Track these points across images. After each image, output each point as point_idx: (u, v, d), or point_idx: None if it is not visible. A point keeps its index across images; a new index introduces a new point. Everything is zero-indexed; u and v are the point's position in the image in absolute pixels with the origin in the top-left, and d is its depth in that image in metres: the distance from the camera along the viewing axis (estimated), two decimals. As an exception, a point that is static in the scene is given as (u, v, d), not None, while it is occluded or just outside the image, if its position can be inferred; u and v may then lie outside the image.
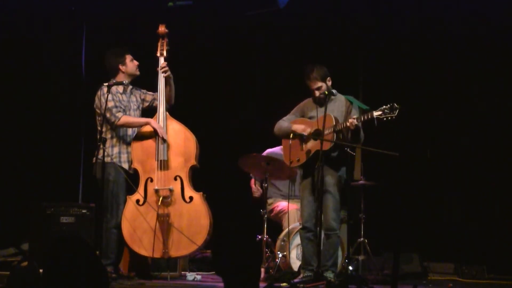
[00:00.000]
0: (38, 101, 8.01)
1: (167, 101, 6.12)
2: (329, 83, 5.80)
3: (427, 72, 7.83)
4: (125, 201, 5.93)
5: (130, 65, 6.06)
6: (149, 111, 6.17)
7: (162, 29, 6.22)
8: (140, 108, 6.15)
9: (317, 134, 5.68)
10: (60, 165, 7.84)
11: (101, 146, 5.67)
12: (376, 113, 5.47)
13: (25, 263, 6.15)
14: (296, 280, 5.64)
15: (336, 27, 8.03)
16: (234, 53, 8.23)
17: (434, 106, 7.82)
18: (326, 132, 5.57)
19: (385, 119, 5.45)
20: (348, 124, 5.52)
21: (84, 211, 6.64)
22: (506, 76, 7.59)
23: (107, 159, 5.83)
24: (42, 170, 7.84)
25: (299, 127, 5.80)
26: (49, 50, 7.95)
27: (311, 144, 5.76)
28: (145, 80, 6.22)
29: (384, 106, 5.46)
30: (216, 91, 8.27)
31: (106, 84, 5.83)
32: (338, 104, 5.78)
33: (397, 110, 5.43)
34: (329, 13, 7.93)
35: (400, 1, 7.81)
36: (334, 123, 5.61)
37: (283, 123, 5.93)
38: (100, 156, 5.77)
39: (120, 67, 6.03)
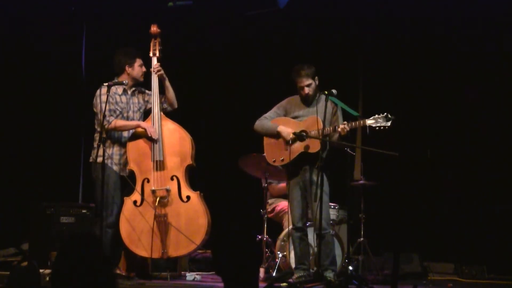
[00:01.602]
0: (38, 101, 8.01)
1: (170, 104, 6.11)
2: (317, 82, 5.83)
3: (427, 72, 7.83)
4: (120, 201, 5.90)
5: (137, 69, 6.03)
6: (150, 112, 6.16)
7: (154, 29, 6.20)
8: (142, 110, 6.12)
9: (302, 136, 5.68)
10: (60, 165, 7.84)
11: (102, 146, 5.66)
12: (369, 121, 5.47)
13: (25, 263, 6.16)
14: (291, 280, 5.65)
15: (336, 27, 8.03)
16: (234, 53, 8.23)
17: (434, 106, 7.82)
18: (312, 133, 5.59)
19: (377, 128, 5.44)
20: (339, 129, 5.53)
21: (84, 211, 6.64)
22: (507, 76, 7.59)
23: (100, 159, 5.78)
24: (42, 170, 7.84)
25: (285, 130, 5.79)
26: (49, 50, 7.94)
27: (296, 145, 5.75)
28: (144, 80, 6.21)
29: (377, 115, 5.45)
30: (216, 91, 8.27)
31: (106, 84, 5.81)
32: (323, 104, 5.73)
33: (391, 121, 5.40)
34: (329, 14, 7.93)
35: (400, 2, 7.80)
36: (322, 127, 5.60)
37: (266, 122, 5.91)
38: (94, 155, 5.78)
39: (127, 68, 6.00)
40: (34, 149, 7.95)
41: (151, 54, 6.15)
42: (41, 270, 5.12)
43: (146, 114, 6.18)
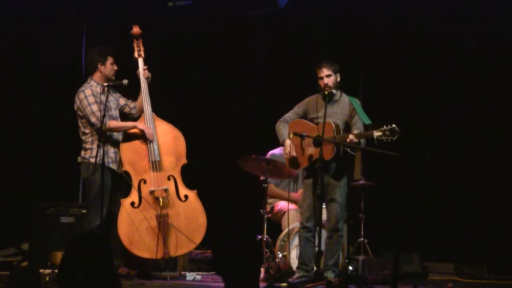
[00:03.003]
0: (38, 101, 8.00)
1: (140, 109, 6.05)
2: (338, 79, 5.83)
3: (428, 72, 7.82)
4: (107, 203, 5.79)
5: (109, 67, 5.97)
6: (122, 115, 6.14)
7: (136, 29, 6.18)
8: (118, 107, 6.10)
9: (317, 141, 5.68)
10: (60, 165, 7.83)
11: (102, 147, 5.64)
12: (376, 133, 5.50)
13: (25, 263, 6.16)
14: (291, 280, 5.65)
15: (336, 27, 8.02)
16: (234, 53, 8.23)
17: (434, 106, 7.81)
18: (326, 142, 5.60)
19: (384, 140, 5.47)
20: (348, 140, 5.55)
21: (84, 211, 6.63)
22: (508, 76, 7.59)
23: (92, 160, 5.74)
24: (42, 170, 7.84)
25: (286, 147, 5.81)
26: (49, 50, 7.94)
27: (312, 150, 5.76)
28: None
29: (385, 127, 5.47)
30: (216, 90, 8.27)
31: (106, 84, 5.80)
32: (342, 106, 5.77)
33: (397, 134, 5.44)
34: (329, 14, 7.93)
35: (401, 2, 7.80)
36: (335, 134, 5.59)
37: (282, 128, 5.94)
38: (86, 155, 5.79)
39: (99, 66, 5.96)
40: (33, 149, 7.94)
41: (136, 55, 6.13)
42: (41, 270, 5.13)
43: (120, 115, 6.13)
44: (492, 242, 7.34)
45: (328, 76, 5.78)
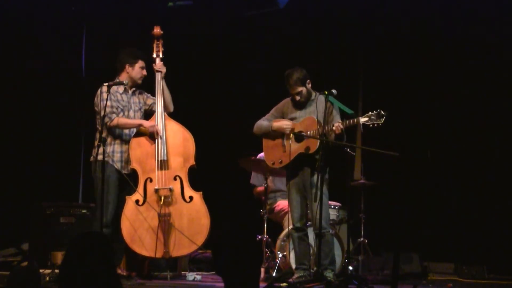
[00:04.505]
0: (38, 101, 8.01)
1: (165, 107, 6.07)
2: (309, 86, 5.80)
3: (428, 72, 7.83)
4: (117, 200, 5.87)
5: (137, 71, 6.01)
6: (150, 114, 6.15)
7: (157, 30, 6.20)
8: (143, 110, 6.12)
9: (300, 137, 5.68)
10: (60, 165, 7.84)
11: (102, 146, 5.65)
12: (362, 119, 5.47)
13: (25, 263, 6.15)
14: (291, 280, 5.65)
15: (336, 27, 8.03)
16: (234, 53, 8.23)
17: (434, 106, 7.82)
18: (309, 133, 5.61)
19: (371, 125, 5.44)
20: (334, 128, 5.51)
21: (84, 211, 6.65)
22: (508, 75, 7.59)
23: (100, 157, 5.76)
24: (42, 170, 7.84)
25: (282, 123, 5.78)
26: (49, 50, 7.95)
27: (294, 146, 5.75)
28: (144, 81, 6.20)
29: (371, 113, 5.46)
30: (217, 90, 8.27)
31: (106, 84, 5.82)
32: (319, 104, 5.70)
33: (384, 118, 5.41)
34: (329, 14, 7.93)
35: (400, 1, 7.81)
36: (318, 127, 5.59)
37: (263, 122, 5.92)
38: (95, 154, 5.78)
39: (127, 67, 5.99)
40: (34, 149, 7.95)
41: (154, 55, 6.16)
42: (41, 270, 5.13)
43: (147, 115, 6.17)
44: (492, 242, 7.34)
45: (298, 93, 5.76)
